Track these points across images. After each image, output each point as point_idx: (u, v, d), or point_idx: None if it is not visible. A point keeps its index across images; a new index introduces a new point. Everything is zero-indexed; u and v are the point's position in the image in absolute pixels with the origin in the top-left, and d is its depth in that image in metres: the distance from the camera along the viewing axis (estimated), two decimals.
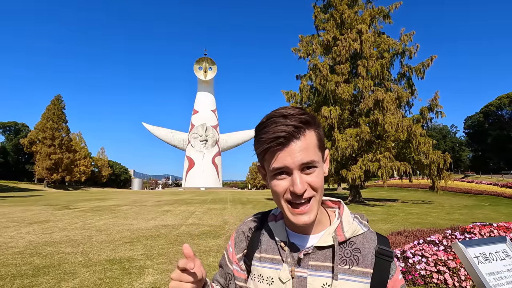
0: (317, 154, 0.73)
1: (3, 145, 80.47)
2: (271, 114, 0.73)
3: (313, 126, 0.74)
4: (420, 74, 22.49)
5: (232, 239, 0.94)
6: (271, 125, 0.71)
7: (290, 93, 23.76)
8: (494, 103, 72.41)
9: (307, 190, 0.71)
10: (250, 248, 0.88)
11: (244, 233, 0.92)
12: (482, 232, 5.79)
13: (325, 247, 0.79)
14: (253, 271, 0.84)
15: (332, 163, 20.09)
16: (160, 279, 4.99)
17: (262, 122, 0.74)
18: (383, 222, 11.81)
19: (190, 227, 10.72)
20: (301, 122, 0.71)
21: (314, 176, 0.72)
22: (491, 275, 1.60)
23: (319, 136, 0.75)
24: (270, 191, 0.80)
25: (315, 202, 0.73)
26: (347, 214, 0.85)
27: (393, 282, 0.78)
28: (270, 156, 0.72)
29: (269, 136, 0.70)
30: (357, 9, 24.05)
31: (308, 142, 0.72)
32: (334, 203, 0.91)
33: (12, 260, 6.09)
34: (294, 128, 0.70)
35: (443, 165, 20.03)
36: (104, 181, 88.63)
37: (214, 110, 70.08)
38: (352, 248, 0.79)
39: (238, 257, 0.90)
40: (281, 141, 0.69)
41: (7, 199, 26.28)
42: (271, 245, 0.84)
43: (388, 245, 0.81)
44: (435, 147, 29.10)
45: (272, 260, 0.82)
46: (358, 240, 0.81)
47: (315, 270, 0.77)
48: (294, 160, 0.70)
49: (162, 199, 27.01)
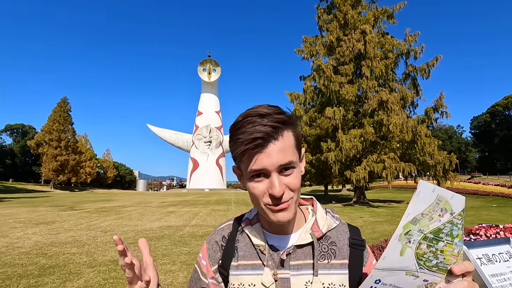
0: (295, 154, 0.71)
1: (11, 147, 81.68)
2: (246, 113, 0.71)
3: (290, 125, 0.72)
4: (425, 74, 22.32)
5: (204, 251, 0.87)
6: (248, 125, 0.68)
7: (293, 94, 23.74)
8: (501, 103, 71.46)
9: (286, 192, 0.70)
10: (225, 258, 0.83)
11: (218, 243, 0.86)
12: (488, 233, 5.70)
13: (305, 245, 0.79)
14: (232, 281, 0.80)
15: (336, 164, 20.01)
16: (164, 279, 5.01)
17: (237, 121, 0.71)
18: (387, 224, 11.71)
19: (194, 228, 10.75)
20: (279, 122, 0.69)
21: (292, 177, 0.71)
22: (494, 277, 1.58)
23: (296, 135, 0.73)
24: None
25: (293, 202, 0.72)
26: (321, 209, 0.86)
27: (367, 268, 0.80)
28: (248, 157, 0.69)
29: (246, 137, 0.67)
30: (361, 9, 23.98)
31: (286, 142, 0.69)
32: (306, 201, 0.91)
33: (19, 260, 6.17)
34: (272, 128, 0.67)
35: (449, 166, 19.83)
36: (110, 183, 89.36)
37: (218, 112, 70.27)
38: (328, 243, 0.81)
39: (213, 269, 0.84)
40: (259, 142, 0.67)
41: (14, 200, 26.63)
42: (249, 251, 0.81)
43: (359, 235, 0.84)
44: (440, 147, 28.83)
45: (252, 266, 0.79)
46: (333, 234, 0.82)
47: (297, 270, 0.77)
48: (272, 162, 0.68)
49: (166, 200, 27.13)
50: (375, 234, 9.24)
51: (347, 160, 20.53)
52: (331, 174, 22.07)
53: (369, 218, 13.61)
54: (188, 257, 6.46)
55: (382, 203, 22.50)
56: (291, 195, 0.71)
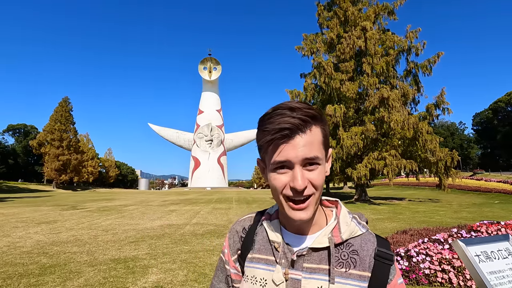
0: (321, 151, 0.71)
1: (13, 147, 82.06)
2: (277, 106, 0.71)
3: (320, 122, 0.71)
4: (426, 71, 22.19)
5: (227, 240, 0.91)
6: (277, 116, 0.68)
7: (294, 92, 23.66)
8: (503, 99, 71.03)
9: (308, 187, 0.69)
10: (244, 249, 0.85)
11: (238, 233, 0.89)
12: (489, 230, 5.67)
13: (321, 248, 0.76)
14: (246, 272, 0.81)
15: (337, 161, 19.96)
16: (164, 278, 5.01)
17: (267, 113, 0.72)
18: (389, 221, 11.68)
19: (195, 226, 10.77)
20: (308, 116, 0.69)
21: (316, 173, 0.70)
22: (492, 274, 1.55)
23: (324, 133, 0.73)
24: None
25: (314, 200, 0.71)
26: (345, 214, 0.82)
27: (392, 286, 0.75)
28: (273, 148, 0.70)
29: (274, 126, 0.68)
30: (361, 6, 23.82)
31: (314, 137, 0.69)
32: (331, 203, 0.88)
33: (20, 260, 6.20)
34: (301, 121, 0.68)
35: (451, 163, 19.74)
36: (112, 182, 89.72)
37: (219, 110, 70.30)
38: (349, 250, 0.76)
39: (233, 258, 0.87)
40: (286, 133, 0.67)
41: (17, 199, 26.79)
42: (265, 245, 0.82)
43: (388, 248, 0.77)
44: (442, 144, 28.70)
45: (266, 261, 0.79)
46: (356, 241, 0.77)
47: (309, 273, 0.74)
48: (297, 154, 0.67)
49: (168, 199, 27.20)
50: (376, 232, 9.20)
51: (348, 157, 20.48)
52: (332, 172, 22.03)
53: (370, 215, 13.59)
54: (188, 256, 6.47)
55: (384, 201, 22.45)
56: (312, 190, 0.70)
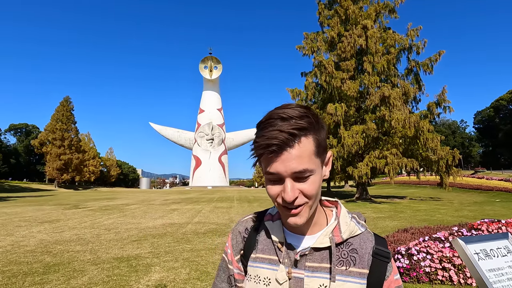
0: (312, 162, 0.69)
1: (15, 147, 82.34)
2: (270, 114, 0.70)
3: (312, 131, 0.69)
4: (428, 69, 22.14)
5: (229, 241, 0.92)
6: (268, 128, 0.68)
7: (295, 91, 23.65)
8: (505, 97, 70.74)
9: (299, 197, 0.70)
10: (247, 249, 0.86)
11: (241, 233, 0.90)
12: (490, 228, 5.69)
13: (322, 248, 0.79)
14: (250, 271, 0.83)
15: (338, 160, 19.97)
16: (166, 276, 5.06)
17: (261, 121, 0.72)
18: (390, 219, 11.71)
19: (197, 225, 10.82)
20: (297, 128, 0.67)
21: (307, 183, 0.70)
22: (491, 271, 1.57)
23: (317, 142, 0.71)
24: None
25: (307, 207, 0.72)
26: (345, 214, 0.85)
27: (389, 282, 0.78)
28: (264, 161, 0.71)
29: (262, 142, 0.68)
30: (362, 4, 23.75)
31: (303, 150, 0.68)
32: (331, 203, 0.90)
33: (24, 258, 6.26)
34: (289, 135, 0.66)
35: (452, 161, 19.72)
36: (113, 181, 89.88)
37: (220, 109, 70.33)
38: (349, 249, 0.79)
39: (236, 258, 0.89)
40: (273, 149, 0.67)
41: (19, 199, 26.92)
42: (268, 245, 0.84)
43: (385, 246, 0.81)
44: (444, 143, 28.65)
45: (269, 261, 0.81)
46: (355, 241, 0.81)
47: (312, 271, 0.77)
48: (286, 169, 0.68)
49: (169, 198, 27.28)
50: (377, 230, 9.24)
51: (349, 156, 20.48)
52: (333, 171, 22.03)
53: (371, 214, 13.61)
54: (190, 254, 6.51)
55: (385, 199, 22.46)
56: (304, 200, 0.71)
